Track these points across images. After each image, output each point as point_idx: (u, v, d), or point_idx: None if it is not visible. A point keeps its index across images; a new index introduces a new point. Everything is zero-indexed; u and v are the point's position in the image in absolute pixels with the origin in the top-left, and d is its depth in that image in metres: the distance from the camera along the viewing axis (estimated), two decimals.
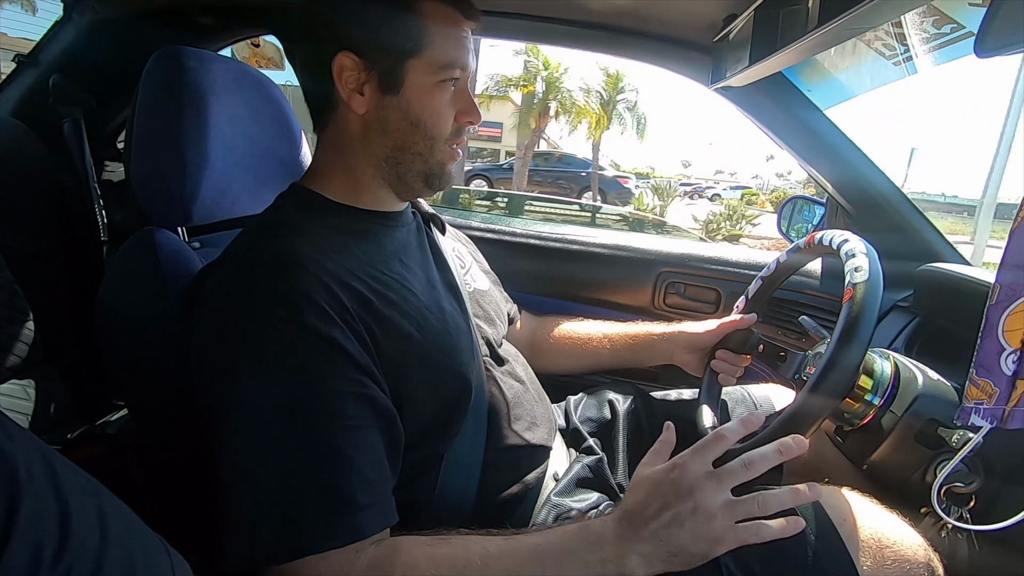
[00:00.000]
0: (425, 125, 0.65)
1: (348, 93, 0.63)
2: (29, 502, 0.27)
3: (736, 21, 0.92)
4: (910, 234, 1.10)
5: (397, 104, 0.64)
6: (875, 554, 0.58)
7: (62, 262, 1.12)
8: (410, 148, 0.66)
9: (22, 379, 0.98)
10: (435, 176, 0.68)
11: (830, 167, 1.11)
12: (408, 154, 0.66)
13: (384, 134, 0.65)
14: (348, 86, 0.63)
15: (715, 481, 0.53)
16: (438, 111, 0.65)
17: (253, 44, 1.30)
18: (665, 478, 0.54)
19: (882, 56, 0.87)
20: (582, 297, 1.29)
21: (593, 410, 0.91)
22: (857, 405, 0.71)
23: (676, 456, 0.56)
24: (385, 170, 0.67)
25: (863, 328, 0.62)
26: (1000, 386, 0.51)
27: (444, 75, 0.64)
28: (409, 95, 0.64)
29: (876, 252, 0.69)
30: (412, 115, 0.64)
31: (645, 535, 0.52)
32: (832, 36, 0.67)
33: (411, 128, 0.65)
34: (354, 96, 0.63)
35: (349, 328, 0.55)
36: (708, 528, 0.52)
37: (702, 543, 0.52)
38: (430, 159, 0.67)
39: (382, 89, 0.63)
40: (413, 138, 0.65)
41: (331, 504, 0.50)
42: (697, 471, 0.54)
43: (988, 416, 0.52)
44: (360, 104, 0.64)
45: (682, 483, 0.53)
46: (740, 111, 1.12)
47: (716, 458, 0.55)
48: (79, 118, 1.11)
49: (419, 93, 0.64)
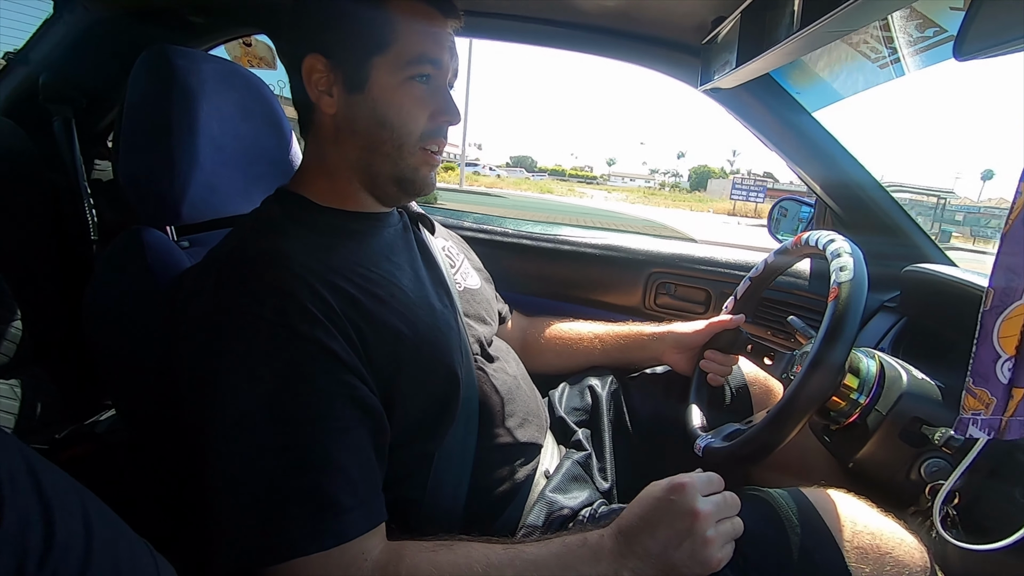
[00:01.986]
0: (392, 124, 0.63)
1: (317, 95, 0.63)
2: (12, 511, 0.26)
3: (724, 23, 0.92)
4: (897, 235, 1.11)
5: (363, 102, 0.63)
6: (876, 560, 0.58)
7: (52, 260, 1.11)
8: (379, 149, 0.65)
9: (8, 379, 0.97)
10: (407, 181, 0.67)
11: (818, 169, 1.12)
12: (378, 155, 0.65)
13: (354, 135, 0.65)
14: (318, 88, 0.63)
15: (713, 507, 0.56)
16: (407, 109, 0.63)
17: (245, 43, 1.29)
18: (665, 497, 0.56)
19: (867, 59, 0.88)
20: (573, 297, 1.30)
21: (576, 399, 0.92)
22: (843, 404, 0.72)
23: (675, 477, 0.58)
24: (360, 174, 0.67)
25: (848, 327, 0.62)
26: (997, 395, 0.50)
27: (412, 71, 0.63)
28: (376, 93, 0.63)
29: (862, 252, 0.69)
30: (379, 114, 0.63)
31: (641, 552, 0.54)
32: (816, 38, 0.68)
33: (379, 127, 0.63)
34: (323, 97, 0.64)
35: (335, 327, 0.55)
36: (704, 552, 0.54)
37: (696, 566, 0.54)
38: (400, 161, 0.65)
39: (348, 88, 0.63)
40: (380, 138, 0.64)
41: (315, 507, 0.49)
42: (697, 497, 0.56)
43: (986, 427, 0.51)
44: (329, 104, 0.64)
45: (683, 506, 0.55)
46: (729, 112, 1.13)
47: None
48: (69, 116, 1.11)
49: (385, 91, 0.63)
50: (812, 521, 0.61)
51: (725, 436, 0.76)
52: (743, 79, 0.94)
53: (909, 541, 0.61)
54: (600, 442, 0.85)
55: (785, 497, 0.65)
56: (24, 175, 1.08)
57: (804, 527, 0.61)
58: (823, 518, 0.61)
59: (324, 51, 0.62)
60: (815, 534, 0.60)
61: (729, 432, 0.76)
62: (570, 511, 0.70)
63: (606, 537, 0.56)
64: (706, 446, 0.73)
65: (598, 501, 0.73)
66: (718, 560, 0.55)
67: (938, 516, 0.62)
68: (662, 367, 0.98)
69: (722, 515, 0.57)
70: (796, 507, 0.63)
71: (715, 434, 0.77)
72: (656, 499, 0.56)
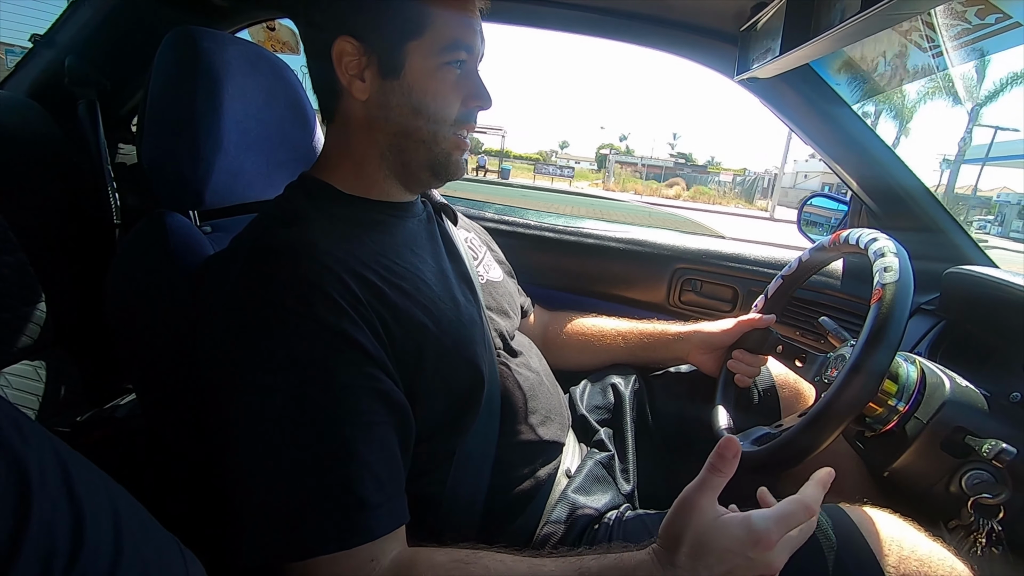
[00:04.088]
0: (428, 110, 0.63)
1: (348, 79, 0.62)
2: (42, 508, 0.25)
3: (766, 8, 0.88)
4: (937, 235, 1.07)
5: (399, 88, 0.62)
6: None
7: (75, 244, 1.12)
8: (413, 135, 0.64)
9: (33, 360, 0.98)
10: (440, 166, 0.66)
11: (856, 164, 1.08)
12: (411, 141, 0.64)
13: (387, 121, 0.63)
14: (348, 72, 0.61)
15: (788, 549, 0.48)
16: (442, 95, 0.63)
17: (268, 27, 1.29)
18: (742, 552, 0.46)
19: (918, 48, 0.84)
20: (595, 292, 1.27)
21: (598, 397, 0.90)
22: (880, 410, 0.69)
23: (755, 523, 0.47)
24: (390, 160, 0.65)
25: (892, 330, 0.60)
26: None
27: (448, 57, 0.62)
28: (411, 79, 0.62)
29: (907, 252, 0.66)
30: (414, 99, 0.62)
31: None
32: (874, 22, 0.64)
33: (413, 114, 0.63)
34: (355, 82, 0.62)
35: (362, 319, 0.53)
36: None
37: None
38: (434, 147, 0.65)
39: (382, 73, 0.61)
40: (416, 124, 0.63)
41: (342, 504, 0.48)
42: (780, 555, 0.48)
43: None
44: (361, 90, 0.62)
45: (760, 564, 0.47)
46: (764, 105, 1.09)
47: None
48: (94, 99, 1.11)
49: (421, 76, 0.62)
50: (852, 540, 0.59)
51: (754, 440, 0.73)
52: (783, 68, 0.90)
53: (960, 570, 0.57)
54: (622, 442, 0.83)
55: (821, 512, 0.62)
56: (49, 158, 1.08)
57: (841, 545, 0.58)
58: (865, 538, 0.59)
59: (356, 34, 0.60)
60: (856, 554, 0.57)
61: (758, 436, 0.74)
62: (595, 512, 0.68)
63: (649, 564, 0.48)
64: None
65: (624, 505, 0.71)
66: None
67: (983, 531, 0.59)
68: (687, 366, 0.96)
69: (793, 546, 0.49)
70: (832, 522, 0.60)
71: (743, 437, 0.74)
72: (726, 551, 0.46)
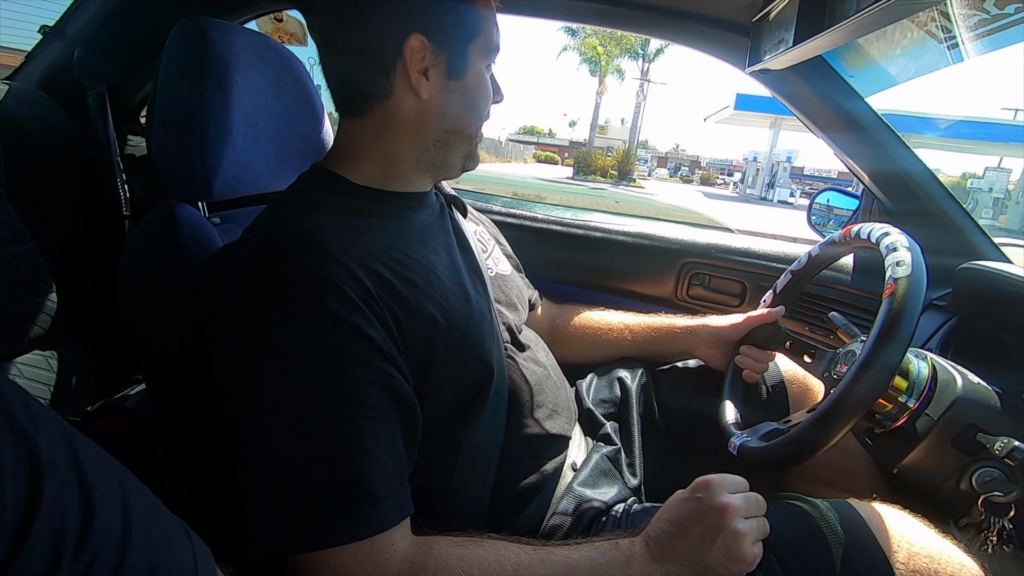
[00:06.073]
0: (479, 108, 0.66)
1: (417, 77, 0.60)
2: (52, 488, 0.25)
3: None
4: (950, 230, 1.06)
5: (459, 88, 0.63)
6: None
7: (85, 235, 1.13)
8: (463, 131, 0.66)
9: (44, 350, 0.99)
10: (472, 157, 0.69)
11: (869, 158, 1.06)
12: (460, 137, 0.66)
13: (442, 119, 0.64)
14: (416, 70, 0.60)
15: (741, 501, 0.55)
16: (486, 94, 0.66)
17: (276, 19, 1.28)
18: (692, 497, 0.56)
19: (934, 39, 0.82)
20: (602, 285, 1.27)
21: (605, 391, 0.90)
22: (890, 406, 0.69)
23: (701, 478, 0.57)
24: (432, 154, 0.66)
25: (904, 326, 0.59)
26: None
27: (492, 58, 0.65)
28: (470, 80, 0.64)
29: (919, 247, 0.65)
30: (470, 99, 0.64)
31: (674, 556, 0.53)
32: (891, 12, 0.62)
33: (467, 113, 0.65)
34: (422, 81, 0.61)
35: (373, 313, 0.53)
36: (738, 547, 0.53)
37: (731, 563, 0.53)
38: (472, 141, 0.68)
39: (449, 74, 0.62)
40: (467, 121, 0.66)
41: (351, 496, 0.48)
42: (724, 492, 0.55)
43: None
44: (426, 89, 0.61)
45: (711, 502, 0.54)
46: (776, 97, 1.07)
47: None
48: (103, 91, 1.11)
49: (476, 78, 0.64)
50: (860, 536, 0.58)
51: (762, 435, 0.73)
52: (796, 60, 0.89)
53: (971, 567, 0.57)
54: (629, 436, 0.83)
55: (828, 507, 0.62)
56: (59, 149, 1.09)
57: (850, 541, 0.58)
58: (873, 534, 0.58)
59: (426, 33, 0.60)
60: (863, 549, 0.57)
61: (766, 432, 0.73)
62: (602, 505, 0.68)
63: (637, 543, 0.55)
64: (742, 445, 0.70)
65: (631, 499, 0.71)
66: (753, 556, 0.54)
67: (994, 529, 0.58)
68: (694, 361, 0.96)
69: (750, 512, 0.56)
70: (839, 518, 0.60)
71: (751, 433, 0.74)
72: (683, 500, 0.57)
